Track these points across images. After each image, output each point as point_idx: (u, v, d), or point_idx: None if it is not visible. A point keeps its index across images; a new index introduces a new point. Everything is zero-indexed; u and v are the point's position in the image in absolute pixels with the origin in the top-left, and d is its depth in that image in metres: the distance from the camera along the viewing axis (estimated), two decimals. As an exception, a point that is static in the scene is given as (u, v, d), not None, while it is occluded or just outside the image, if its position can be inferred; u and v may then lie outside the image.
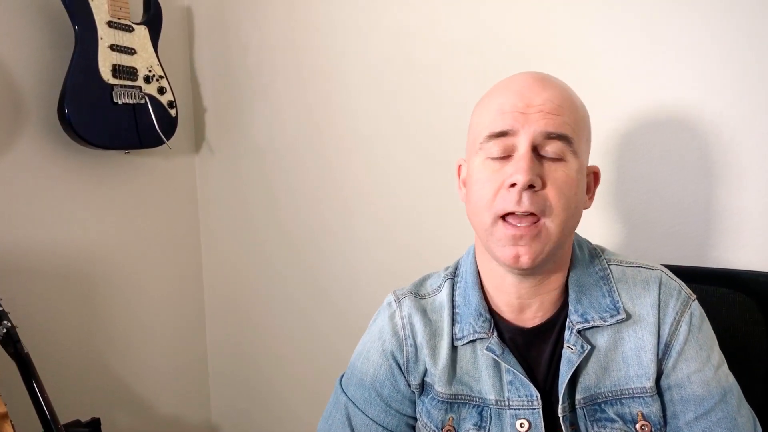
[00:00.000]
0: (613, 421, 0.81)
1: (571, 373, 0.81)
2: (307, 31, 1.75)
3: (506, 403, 0.84)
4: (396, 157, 1.62)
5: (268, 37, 1.84)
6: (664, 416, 0.82)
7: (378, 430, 0.91)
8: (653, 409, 0.81)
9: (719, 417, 0.81)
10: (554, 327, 0.86)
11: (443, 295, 0.92)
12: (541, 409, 0.82)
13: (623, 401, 0.82)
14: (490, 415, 0.85)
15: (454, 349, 0.88)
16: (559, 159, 0.78)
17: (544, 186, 0.77)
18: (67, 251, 1.70)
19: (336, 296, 1.80)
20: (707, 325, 0.86)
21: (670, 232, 1.24)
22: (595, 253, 0.91)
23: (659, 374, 0.83)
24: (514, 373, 0.83)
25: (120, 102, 1.66)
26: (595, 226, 1.31)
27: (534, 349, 0.86)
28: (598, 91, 1.29)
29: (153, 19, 1.77)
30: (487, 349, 0.85)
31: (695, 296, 0.87)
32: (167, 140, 1.79)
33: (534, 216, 0.77)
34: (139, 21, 1.74)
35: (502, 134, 0.78)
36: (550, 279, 0.85)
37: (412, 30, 1.55)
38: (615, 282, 0.86)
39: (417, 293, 0.94)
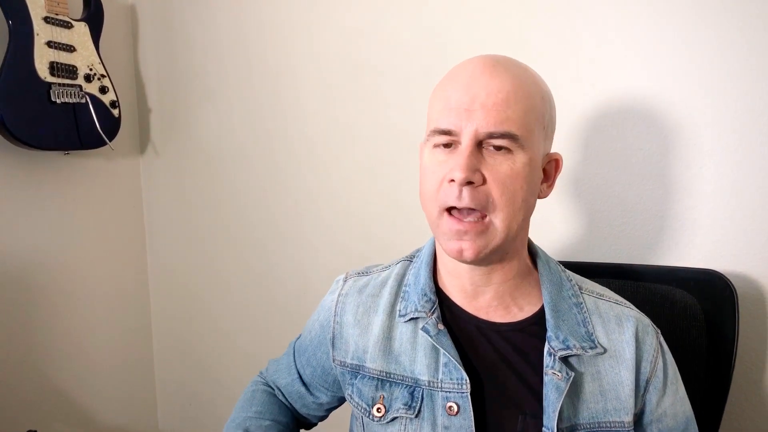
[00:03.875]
0: None
1: (562, 400, 0.80)
2: (255, 31, 1.72)
3: (439, 384, 0.84)
4: (345, 158, 1.61)
5: (214, 36, 1.80)
6: None
7: (295, 374, 1.03)
8: None
9: None
10: (518, 332, 0.86)
11: (390, 273, 0.95)
12: (469, 394, 0.82)
13: None
14: (422, 395, 0.84)
15: (393, 325, 0.89)
16: (503, 152, 0.78)
17: (484, 182, 0.77)
18: (1, 256, 1.62)
19: (285, 300, 1.78)
20: (671, 355, 0.89)
21: (615, 231, 1.27)
22: (565, 275, 0.91)
23: (640, 410, 0.85)
24: (448, 356, 0.83)
25: (58, 101, 1.59)
26: (538, 227, 1.32)
27: (483, 342, 0.86)
28: (545, 92, 1.30)
29: (93, 16, 1.71)
30: (422, 329, 0.86)
31: (658, 329, 0.89)
32: (110, 141, 1.73)
33: (477, 212, 0.78)
34: (78, 17, 1.68)
35: (447, 132, 0.79)
36: (504, 268, 0.86)
37: (361, 30, 1.54)
38: (589, 313, 0.87)
39: (364, 272, 0.98)
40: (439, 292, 0.90)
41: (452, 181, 0.77)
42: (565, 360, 0.82)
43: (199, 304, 1.96)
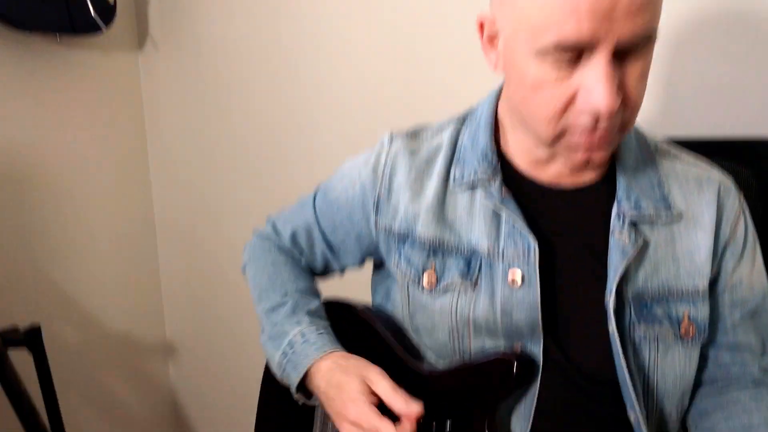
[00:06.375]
0: (660, 321, 0.75)
1: (626, 265, 0.73)
2: None
3: (500, 254, 0.76)
4: (358, 41, 1.49)
5: None
6: (710, 319, 0.78)
7: (319, 236, 0.93)
8: (701, 311, 0.77)
9: (763, 318, 0.81)
10: (585, 197, 0.79)
11: (443, 137, 0.84)
12: (537, 263, 0.75)
13: (670, 301, 0.76)
14: (480, 265, 0.77)
15: (448, 192, 0.81)
16: (639, 55, 0.65)
17: (623, 101, 0.65)
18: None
19: (296, 196, 1.70)
20: (752, 223, 0.82)
21: (658, 105, 1.17)
22: (640, 137, 0.82)
23: (714, 276, 0.79)
24: (512, 223, 0.76)
25: (46, -23, 1.47)
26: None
27: (548, 209, 0.79)
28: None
29: None
30: (485, 194, 0.78)
31: (741, 192, 0.82)
32: (105, 26, 1.61)
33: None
34: None
35: (576, 45, 0.62)
36: None
37: None
38: (665, 175, 0.79)
39: (414, 134, 0.87)
40: (501, 156, 0.81)
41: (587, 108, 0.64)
42: (635, 225, 0.75)
43: (205, 211, 1.89)
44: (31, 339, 1.40)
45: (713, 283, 0.79)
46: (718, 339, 0.80)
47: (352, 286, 1.07)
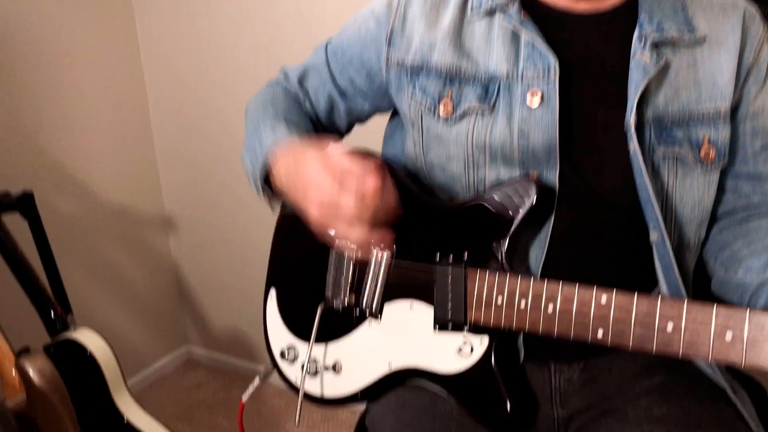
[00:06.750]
0: (680, 143, 0.74)
1: (647, 82, 0.72)
2: None
3: (519, 75, 0.74)
4: None
5: None
6: (731, 148, 0.78)
7: (327, 77, 0.90)
8: (721, 135, 0.75)
9: None
10: (605, 22, 0.77)
11: None
12: (557, 81, 0.72)
13: (690, 125, 0.75)
14: (498, 89, 0.76)
15: (465, 21, 0.80)
16: None
17: None
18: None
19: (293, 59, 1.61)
20: None
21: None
22: None
23: (736, 102, 0.77)
24: (532, 45, 0.74)
25: None
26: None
27: (567, 34, 0.77)
28: None
29: None
30: (505, 17, 0.76)
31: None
32: None
33: None
34: None
35: None
36: None
37: None
38: (689, 0, 0.77)
39: None
40: None
41: None
42: (657, 47, 0.74)
43: (195, 71, 1.81)
44: (24, 204, 1.37)
45: (735, 110, 0.77)
46: (738, 168, 0.79)
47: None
